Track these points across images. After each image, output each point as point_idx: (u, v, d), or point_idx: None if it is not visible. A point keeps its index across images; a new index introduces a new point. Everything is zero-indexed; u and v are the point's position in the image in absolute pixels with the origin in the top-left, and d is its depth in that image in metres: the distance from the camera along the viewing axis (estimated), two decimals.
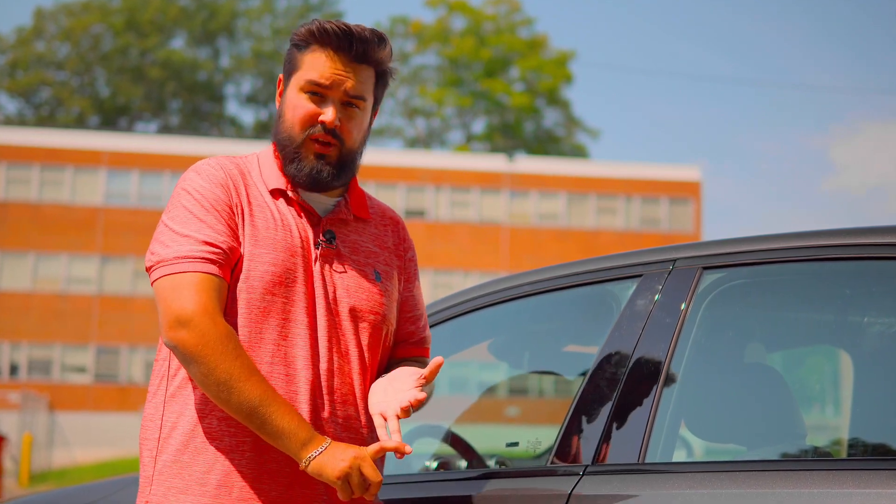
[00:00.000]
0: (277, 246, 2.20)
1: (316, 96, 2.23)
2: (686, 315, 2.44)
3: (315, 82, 2.22)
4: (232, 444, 2.14)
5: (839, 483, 2.03)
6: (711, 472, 2.20)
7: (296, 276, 2.20)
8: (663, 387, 2.38)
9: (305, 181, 2.25)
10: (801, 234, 2.43)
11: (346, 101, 2.24)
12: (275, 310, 2.17)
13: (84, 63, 51.46)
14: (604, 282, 2.67)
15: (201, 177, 2.22)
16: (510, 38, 51.09)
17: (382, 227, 2.41)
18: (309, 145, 2.24)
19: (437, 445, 3.53)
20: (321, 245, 2.25)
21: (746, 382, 2.66)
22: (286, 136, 2.25)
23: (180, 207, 2.19)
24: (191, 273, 2.11)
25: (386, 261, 2.37)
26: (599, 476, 2.31)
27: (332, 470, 2.05)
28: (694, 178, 38.65)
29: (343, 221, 2.32)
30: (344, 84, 2.23)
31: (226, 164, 2.27)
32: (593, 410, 2.43)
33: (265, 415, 2.06)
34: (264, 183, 2.27)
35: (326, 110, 2.23)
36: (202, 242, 2.14)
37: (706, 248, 2.53)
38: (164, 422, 2.20)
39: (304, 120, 2.23)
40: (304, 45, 2.25)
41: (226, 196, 2.20)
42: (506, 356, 3.48)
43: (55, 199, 35.64)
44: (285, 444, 2.08)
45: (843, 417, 7.30)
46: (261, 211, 2.23)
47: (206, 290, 2.10)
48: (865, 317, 2.69)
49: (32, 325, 34.87)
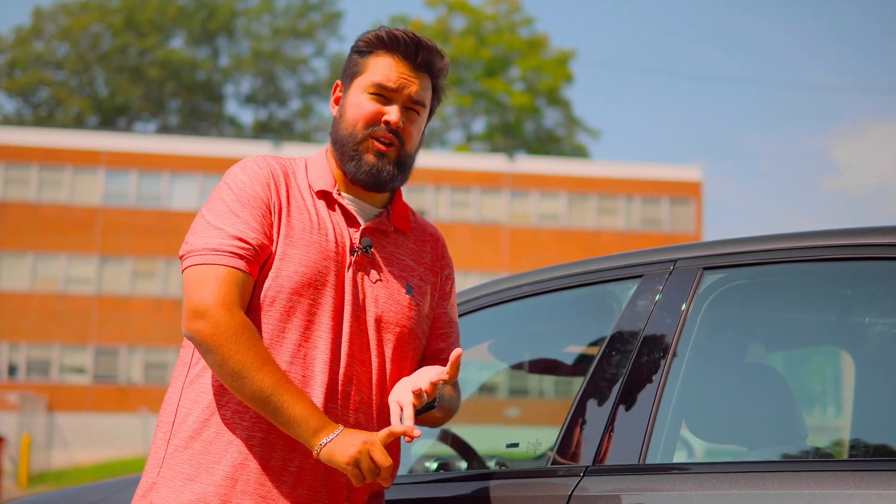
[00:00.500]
0: (311, 248, 2.23)
1: (381, 98, 2.29)
2: (687, 315, 2.44)
3: (382, 85, 2.28)
4: (243, 436, 2.18)
5: (840, 484, 2.03)
6: (712, 473, 2.20)
7: (326, 279, 2.23)
8: (664, 387, 2.39)
9: (365, 178, 2.28)
10: (803, 235, 2.44)
11: (408, 105, 2.31)
12: (300, 311, 2.21)
13: (83, 63, 51.49)
14: (604, 282, 2.68)
15: (245, 173, 2.27)
16: (510, 38, 51.16)
17: (422, 242, 2.44)
18: (369, 143, 2.28)
19: (438, 446, 3.53)
20: (357, 252, 2.28)
21: (747, 383, 2.65)
22: (347, 134, 2.29)
23: (219, 200, 2.24)
24: (216, 266, 2.16)
25: (421, 276, 2.39)
26: (600, 477, 2.31)
27: (342, 455, 2.08)
28: (695, 178, 38.70)
29: (383, 232, 2.35)
30: (408, 88, 2.30)
31: (272, 162, 2.31)
32: (594, 411, 2.43)
33: (278, 403, 2.10)
34: (309, 184, 2.32)
35: (391, 110, 2.28)
36: (232, 237, 2.18)
37: (707, 248, 2.53)
38: (181, 407, 2.24)
39: (369, 118, 2.28)
40: (369, 51, 2.31)
41: (265, 194, 2.24)
42: (506, 357, 3.49)
43: (54, 199, 35.65)
44: (298, 432, 2.11)
45: (844, 418, 7.28)
46: (299, 212, 2.27)
47: (227, 284, 2.15)
48: (867, 317, 2.69)
49: (31, 325, 34.87)
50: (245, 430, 2.18)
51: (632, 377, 2.42)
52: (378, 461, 2.08)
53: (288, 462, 2.19)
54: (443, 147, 52.80)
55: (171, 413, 2.25)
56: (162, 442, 2.25)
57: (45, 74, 51.36)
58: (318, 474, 2.22)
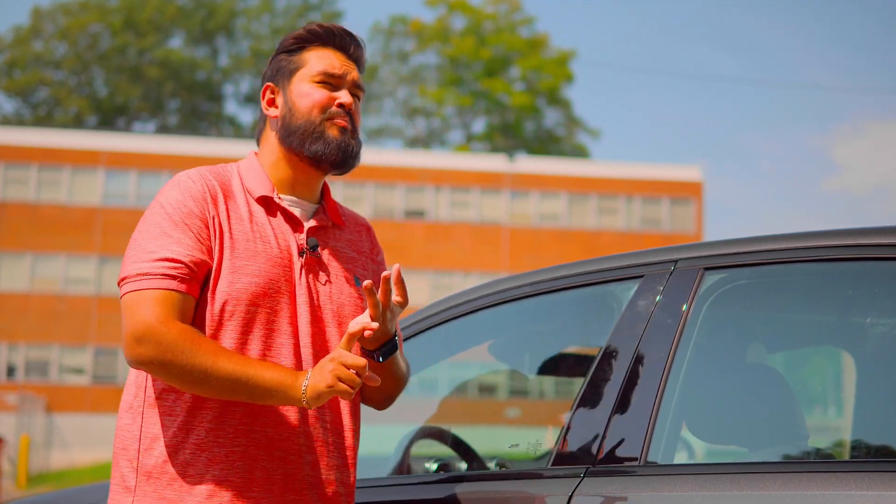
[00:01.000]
0: (259, 257, 2.23)
1: (328, 86, 2.33)
2: (687, 316, 2.44)
3: (328, 73, 2.34)
4: (221, 454, 2.17)
5: (841, 485, 2.03)
6: (713, 474, 2.19)
7: (279, 286, 2.24)
8: (664, 388, 2.38)
9: (335, 153, 2.31)
10: (803, 235, 2.43)
11: (352, 89, 2.36)
12: (259, 321, 2.21)
13: (82, 62, 51.47)
14: (605, 282, 2.67)
15: (177, 189, 2.26)
16: (510, 38, 51.13)
17: (356, 232, 2.47)
18: (328, 125, 2.31)
19: (438, 447, 3.54)
20: (305, 253, 2.30)
21: (748, 383, 2.65)
22: (304, 122, 2.31)
23: (151, 222, 2.23)
24: (148, 290, 2.15)
25: (363, 266, 2.43)
26: (600, 478, 2.31)
27: (324, 381, 2.10)
28: (695, 178, 38.66)
29: (323, 228, 2.37)
30: (351, 74, 2.36)
31: (206, 175, 2.30)
32: (594, 412, 2.43)
33: (247, 381, 2.11)
34: (247, 191, 2.32)
35: (341, 94, 2.34)
36: (163, 259, 2.17)
37: (708, 248, 2.53)
38: (144, 433, 2.20)
39: (323, 103, 2.32)
40: (301, 48, 2.36)
41: (199, 208, 2.23)
42: (506, 357, 3.49)
43: (53, 199, 35.62)
44: (278, 395, 2.13)
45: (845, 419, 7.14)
46: (240, 222, 2.26)
47: (161, 304, 2.14)
48: (868, 318, 2.69)
49: (30, 325, 34.81)
50: (223, 446, 2.17)
51: (632, 378, 2.41)
52: (352, 364, 2.10)
53: (273, 471, 2.20)
54: (443, 147, 52.97)
55: (134, 440, 2.22)
56: (129, 471, 2.21)
57: (44, 74, 51.35)
58: (303, 475, 2.23)
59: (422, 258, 36.25)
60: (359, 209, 36.37)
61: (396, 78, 53.70)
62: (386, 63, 53.80)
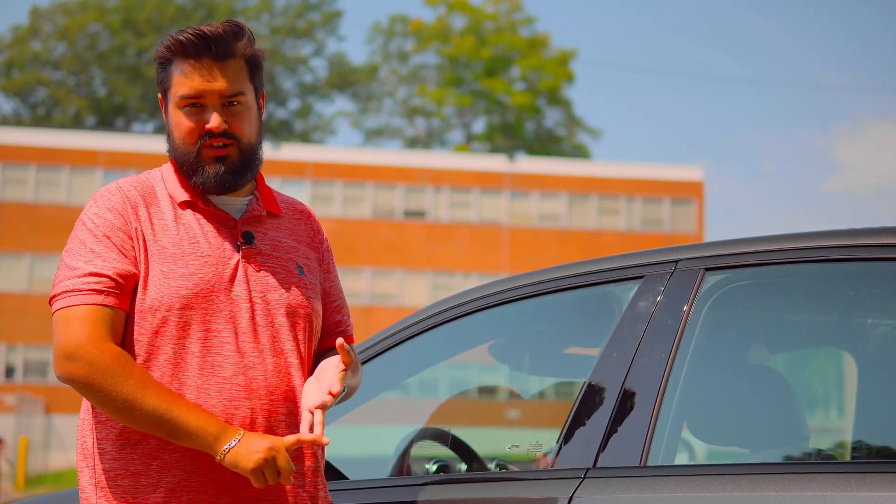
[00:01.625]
0: (188, 260, 2.22)
1: (195, 107, 2.26)
2: (688, 316, 2.44)
3: (187, 96, 2.26)
4: (172, 460, 2.17)
5: (843, 486, 2.03)
6: (714, 476, 2.20)
7: (212, 285, 2.22)
8: (665, 389, 2.38)
9: (213, 186, 2.27)
10: (805, 235, 2.44)
11: (224, 102, 2.27)
12: (194, 323, 2.20)
13: (80, 62, 51.45)
14: (605, 283, 2.67)
15: (97, 204, 2.26)
16: (511, 37, 51.09)
17: (296, 220, 2.43)
18: (205, 153, 2.26)
19: (437, 448, 3.54)
20: (241, 247, 2.27)
21: (749, 385, 2.66)
22: (181, 153, 2.28)
23: (74, 240, 2.24)
24: (76, 306, 2.15)
25: (305, 254, 2.39)
26: (600, 479, 2.31)
27: (247, 462, 2.08)
28: (696, 178, 38.64)
29: (258, 219, 2.34)
30: (215, 87, 2.25)
31: (126, 186, 2.29)
32: (594, 413, 2.43)
33: (170, 421, 2.09)
34: (171, 198, 2.30)
35: (210, 118, 2.26)
36: (88, 274, 2.17)
37: (709, 248, 2.53)
38: (95, 447, 2.22)
39: (191, 133, 2.27)
40: (168, 62, 2.29)
41: (120, 220, 2.22)
42: (506, 358, 3.48)
43: (51, 199, 35.55)
44: (198, 442, 2.11)
45: (846, 420, 7.29)
46: (165, 228, 2.25)
47: (91, 322, 2.13)
48: (869, 318, 2.68)
49: (28, 327, 34.58)
50: (175, 451, 2.17)
51: (633, 378, 2.41)
52: (282, 468, 2.09)
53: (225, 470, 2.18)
54: (442, 147, 52.95)
55: (90, 455, 2.23)
56: (89, 485, 2.22)
57: (43, 74, 51.29)
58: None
59: (421, 259, 36.25)
60: (358, 209, 36.37)
61: (396, 78, 53.85)
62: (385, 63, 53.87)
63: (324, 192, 35.87)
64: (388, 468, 3.42)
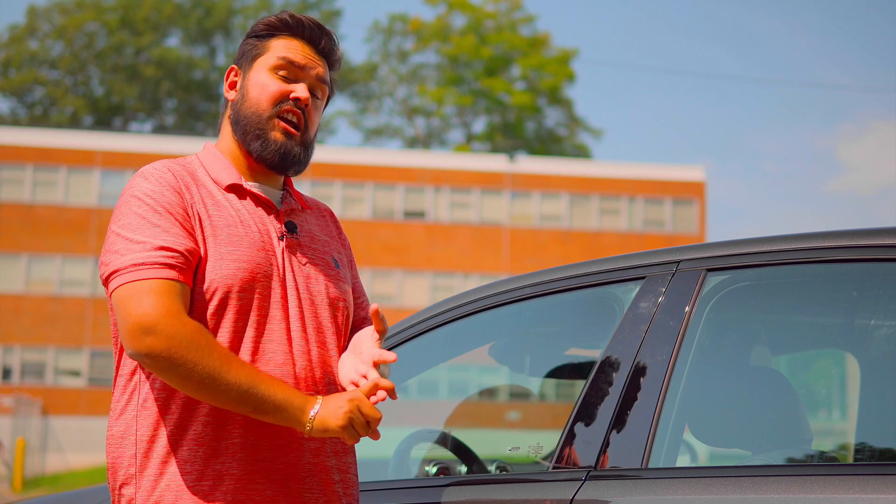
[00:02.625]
0: (242, 243, 2.20)
1: (286, 78, 2.28)
2: (690, 318, 2.44)
3: (290, 60, 2.28)
4: (220, 447, 2.14)
5: (846, 489, 2.03)
6: (715, 478, 2.19)
7: (264, 270, 2.21)
8: (667, 391, 2.38)
9: (272, 157, 2.26)
10: (808, 236, 2.43)
11: (314, 84, 2.31)
12: (250, 308, 2.18)
13: (78, 62, 51.49)
14: (606, 284, 2.67)
15: (149, 181, 2.20)
16: (511, 36, 51.12)
17: (321, 217, 2.45)
18: (276, 122, 2.26)
19: (437, 450, 3.52)
20: (285, 237, 2.27)
21: (751, 386, 2.66)
22: (251, 113, 2.27)
23: (131, 214, 2.16)
24: (150, 280, 2.08)
25: (337, 249, 2.41)
26: (602, 481, 2.31)
27: (336, 419, 2.08)
28: (698, 178, 38.65)
29: (294, 212, 2.35)
30: (315, 69, 2.30)
31: (172, 166, 2.26)
32: (595, 415, 2.43)
33: (257, 394, 2.07)
34: (214, 181, 2.27)
35: (298, 87, 2.27)
36: (158, 248, 2.11)
37: (711, 249, 2.53)
38: (139, 437, 2.17)
39: (276, 95, 2.26)
40: (271, 34, 2.32)
41: (177, 198, 2.19)
42: (507, 360, 3.46)
43: (48, 199, 35.59)
44: (285, 415, 2.09)
45: (849, 422, 7.29)
46: (217, 209, 2.22)
47: (167, 295, 2.08)
48: (872, 319, 2.69)
49: (25, 328, 34.79)
50: (221, 439, 2.14)
51: (634, 380, 2.41)
52: (368, 415, 2.09)
53: (276, 462, 2.17)
54: (442, 147, 53.08)
55: (132, 446, 2.17)
56: (126, 476, 2.17)
57: (40, 73, 51.37)
58: (303, 463, 2.20)
59: (421, 259, 36.25)
60: (358, 210, 36.32)
61: (396, 77, 53.95)
62: (385, 62, 53.86)
63: (323, 192, 35.80)
64: (388, 470, 3.40)
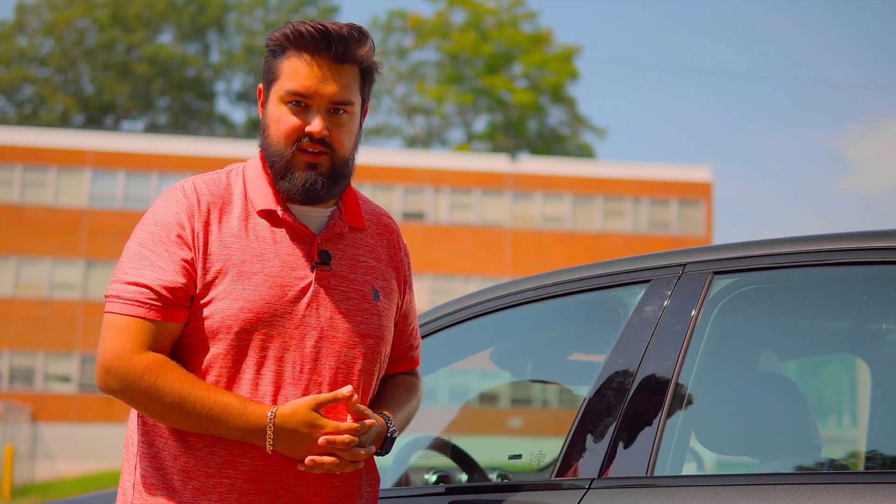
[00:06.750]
0: (253, 280, 2.16)
1: (299, 106, 2.20)
2: (696, 322, 2.44)
3: (295, 92, 2.19)
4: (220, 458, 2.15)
5: (856, 497, 2.02)
6: (722, 486, 2.19)
7: (276, 309, 2.16)
8: (672, 397, 2.38)
9: (299, 196, 2.22)
10: (817, 238, 2.42)
11: (331, 108, 2.21)
12: (251, 348, 2.16)
13: (68, 59, 51.66)
14: (611, 287, 2.67)
15: (163, 203, 2.22)
16: (513, 33, 51.22)
17: (378, 235, 2.38)
18: (299, 157, 2.21)
19: (437, 458, 3.53)
20: (315, 268, 2.22)
21: (759, 392, 2.66)
22: (274, 152, 2.23)
23: (135, 237, 2.21)
24: (118, 315, 2.15)
25: (383, 275, 2.34)
26: (606, 490, 2.31)
27: (292, 417, 2.11)
28: (705, 178, 38.71)
29: (339, 236, 2.29)
30: (327, 91, 2.20)
31: (201, 188, 2.23)
32: (599, 422, 2.42)
33: (218, 414, 2.10)
34: (250, 203, 2.24)
35: (312, 121, 2.20)
36: (132, 283, 2.15)
37: (717, 251, 2.54)
38: (141, 441, 2.20)
39: (290, 133, 2.20)
40: (281, 51, 2.22)
41: (185, 229, 2.17)
42: (508, 365, 3.49)
43: (38, 200, 35.65)
44: (244, 420, 2.10)
45: (860, 428, 7.30)
46: (237, 240, 2.20)
47: (127, 333, 2.13)
48: (884, 324, 2.67)
49: (14, 332, 34.85)
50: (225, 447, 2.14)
51: (639, 386, 2.41)
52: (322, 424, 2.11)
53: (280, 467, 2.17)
54: (443, 147, 53.22)
55: (133, 446, 2.23)
56: (128, 480, 2.21)
57: (29, 71, 51.51)
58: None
59: (421, 262, 36.35)
60: None
61: (395, 75, 54.27)
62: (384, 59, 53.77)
63: None
64: (388, 478, 3.38)
